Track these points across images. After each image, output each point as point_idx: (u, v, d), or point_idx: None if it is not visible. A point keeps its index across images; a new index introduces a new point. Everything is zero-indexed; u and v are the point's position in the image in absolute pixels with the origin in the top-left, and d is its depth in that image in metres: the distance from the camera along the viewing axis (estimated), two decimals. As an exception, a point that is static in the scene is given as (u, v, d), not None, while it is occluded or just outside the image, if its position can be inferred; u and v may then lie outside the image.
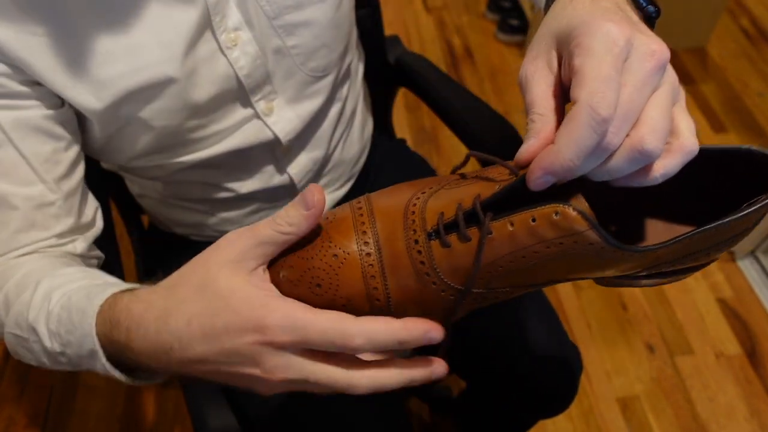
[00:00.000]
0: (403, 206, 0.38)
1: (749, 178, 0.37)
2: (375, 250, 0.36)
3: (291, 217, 0.36)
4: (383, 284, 0.36)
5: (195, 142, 0.61)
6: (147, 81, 0.53)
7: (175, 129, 0.58)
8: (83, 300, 0.44)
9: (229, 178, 0.68)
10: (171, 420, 1.26)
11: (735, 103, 1.83)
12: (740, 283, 1.44)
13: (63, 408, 1.26)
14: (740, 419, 1.24)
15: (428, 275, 0.36)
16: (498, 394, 0.84)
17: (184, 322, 0.37)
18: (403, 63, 0.93)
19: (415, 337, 0.35)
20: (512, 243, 0.34)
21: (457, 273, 0.36)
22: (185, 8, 0.52)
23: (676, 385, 1.29)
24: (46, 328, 0.46)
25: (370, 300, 0.37)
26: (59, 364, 0.48)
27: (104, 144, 0.59)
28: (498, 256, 0.35)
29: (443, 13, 2.17)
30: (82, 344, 0.43)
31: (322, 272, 0.37)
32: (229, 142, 0.63)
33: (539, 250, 0.34)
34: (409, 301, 0.37)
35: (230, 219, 0.75)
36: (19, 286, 0.49)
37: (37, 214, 0.53)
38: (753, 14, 2.11)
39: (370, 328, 0.35)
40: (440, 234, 0.35)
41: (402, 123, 1.80)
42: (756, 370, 1.31)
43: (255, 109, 0.62)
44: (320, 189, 0.37)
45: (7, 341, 0.50)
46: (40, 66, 0.49)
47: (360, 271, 0.36)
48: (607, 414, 1.25)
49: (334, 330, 0.34)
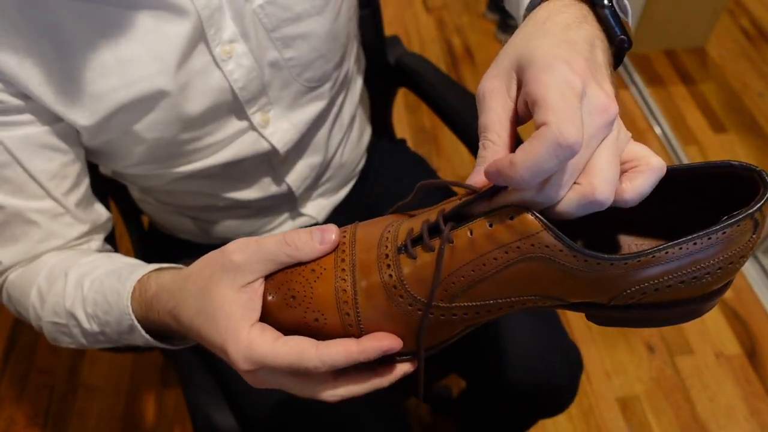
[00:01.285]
0: (381, 230, 0.40)
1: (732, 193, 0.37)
2: (349, 267, 0.38)
3: (302, 242, 0.39)
4: (353, 300, 0.38)
5: (189, 154, 0.61)
6: (139, 94, 0.53)
7: (169, 141, 0.58)
8: (115, 282, 0.49)
9: (226, 187, 0.68)
10: (171, 420, 1.26)
11: (735, 103, 1.83)
12: (740, 283, 1.44)
13: (63, 408, 1.27)
14: (740, 419, 1.24)
15: (395, 288, 0.37)
16: (498, 394, 0.84)
17: (188, 319, 0.41)
18: (403, 63, 0.93)
19: (372, 355, 0.37)
20: (472, 250, 0.35)
21: (424, 285, 0.37)
22: (178, 21, 0.52)
23: (676, 385, 1.29)
24: (84, 312, 0.51)
25: (341, 315, 0.38)
26: (98, 342, 0.53)
27: (96, 152, 0.59)
28: (459, 265, 0.36)
29: (443, 13, 2.17)
30: (120, 322, 0.48)
31: (298, 285, 0.39)
32: (224, 153, 0.63)
33: (498, 256, 0.35)
34: (380, 318, 0.38)
35: (230, 226, 0.75)
36: (50, 278, 0.53)
37: (54, 224, 0.56)
38: (753, 14, 2.11)
39: (328, 354, 0.37)
40: (407, 247, 0.37)
41: (402, 123, 1.80)
42: (756, 370, 1.31)
43: (251, 121, 0.62)
44: (339, 232, 0.39)
45: (45, 330, 0.55)
46: (30, 80, 0.49)
47: (332, 286, 0.38)
48: (607, 414, 1.25)
49: (292, 361, 0.37)
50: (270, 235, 0.39)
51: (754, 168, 0.35)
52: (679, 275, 0.35)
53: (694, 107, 1.82)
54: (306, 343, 0.37)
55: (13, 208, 0.53)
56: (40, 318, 0.54)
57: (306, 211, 0.77)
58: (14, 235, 0.55)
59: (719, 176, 0.37)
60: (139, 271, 0.49)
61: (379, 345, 0.37)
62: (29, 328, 0.61)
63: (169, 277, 0.45)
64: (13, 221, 0.54)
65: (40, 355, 1.33)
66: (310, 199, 0.77)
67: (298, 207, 0.76)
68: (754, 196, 0.34)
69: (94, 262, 0.53)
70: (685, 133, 1.75)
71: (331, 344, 0.37)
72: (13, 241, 0.55)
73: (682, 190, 0.39)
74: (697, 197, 0.39)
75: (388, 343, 0.37)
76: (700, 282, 0.36)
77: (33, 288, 0.54)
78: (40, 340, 1.35)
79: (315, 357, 0.37)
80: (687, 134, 1.75)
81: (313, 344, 0.37)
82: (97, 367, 1.32)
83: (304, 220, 0.78)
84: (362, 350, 0.37)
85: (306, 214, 0.77)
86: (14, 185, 0.53)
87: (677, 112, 1.81)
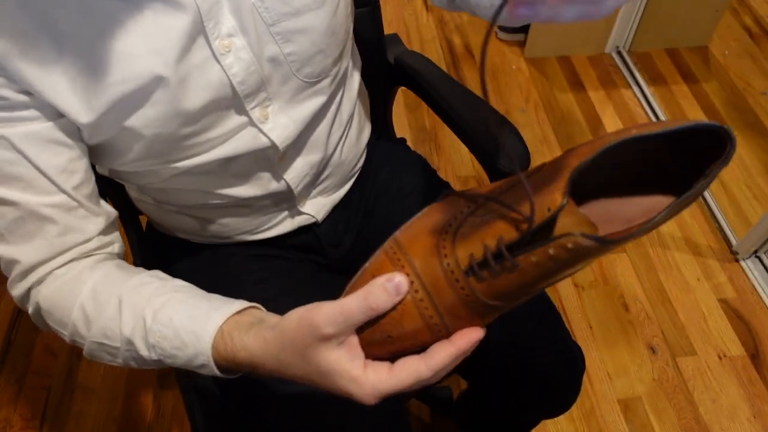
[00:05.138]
0: (434, 248, 0.44)
1: (701, 153, 0.42)
2: (423, 293, 0.44)
3: (383, 301, 0.43)
4: (440, 319, 0.44)
5: (188, 149, 0.61)
6: (139, 86, 0.53)
7: (168, 137, 0.58)
8: (188, 322, 0.51)
9: (225, 184, 0.68)
10: (168, 421, 1.25)
11: (738, 101, 1.82)
12: (743, 283, 1.43)
13: (60, 409, 1.26)
14: (743, 420, 1.23)
15: (474, 303, 0.44)
16: (500, 394, 0.84)
17: (297, 377, 0.47)
18: (402, 62, 0.92)
19: (468, 350, 0.44)
20: (538, 270, 0.42)
21: (496, 295, 0.44)
22: (177, 14, 0.52)
23: (678, 386, 1.28)
24: (144, 342, 0.52)
25: (432, 333, 0.44)
26: (145, 365, 0.55)
27: (95, 150, 0.59)
28: (530, 280, 0.42)
29: (443, 12, 2.16)
30: (192, 359, 0.51)
31: (388, 326, 0.44)
32: (223, 149, 0.62)
33: (561, 266, 0.41)
34: (463, 323, 0.45)
35: (229, 224, 0.74)
36: (97, 300, 0.55)
37: (69, 218, 0.56)
38: (756, 12, 2.10)
39: (436, 364, 0.43)
40: (476, 272, 0.43)
41: (402, 122, 1.80)
42: (759, 371, 1.30)
43: (250, 116, 0.62)
44: (405, 276, 0.43)
45: (86, 348, 0.56)
46: (32, 76, 0.49)
47: (418, 313, 0.44)
48: (609, 415, 1.24)
49: (412, 381, 0.43)
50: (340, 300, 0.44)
51: (719, 126, 0.41)
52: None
53: (696, 106, 1.81)
54: (414, 363, 0.43)
55: (26, 204, 0.53)
56: (84, 337, 0.55)
57: (305, 210, 0.76)
58: (30, 232, 0.55)
59: (688, 137, 0.43)
60: (216, 314, 0.51)
61: (470, 339, 0.44)
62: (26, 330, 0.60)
63: (256, 343, 0.48)
64: (27, 217, 0.54)
65: (37, 357, 1.33)
66: (309, 197, 0.76)
67: (297, 205, 0.75)
68: (716, 149, 0.41)
69: (146, 287, 0.55)
70: (687, 132, 1.74)
71: (435, 354, 0.43)
72: (29, 237, 0.55)
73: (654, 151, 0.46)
74: (668, 157, 0.46)
75: (476, 335, 0.44)
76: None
77: (75, 306, 0.55)
78: (36, 341, 1.34)
79: (428, 371, 0.43)
80: (689, 133, 1.74)
81: (421, 361, 0.43)
82: (94, 368, 1.31)
83: (303, 218, 0.77)
84: (460, 348, 0.44)
85: (305, 213, 0.77)
86: (24, 181, 0.53)
87: (679, 111, 1.80)
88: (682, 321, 1.37)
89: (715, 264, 1.47)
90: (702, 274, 1.45)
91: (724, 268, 1.46)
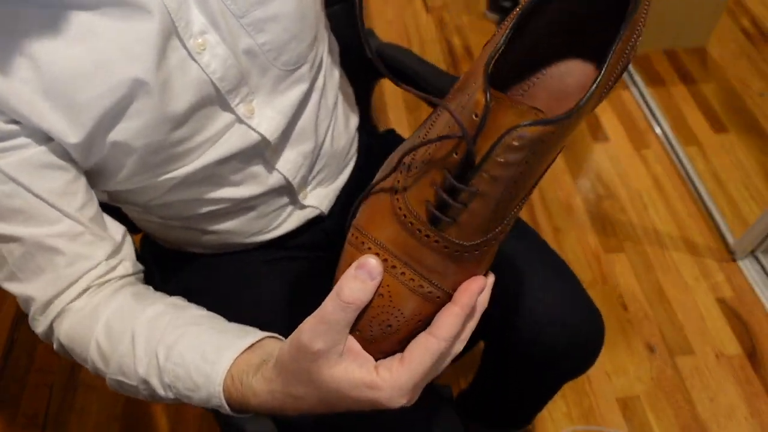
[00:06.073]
0: (390, 214, 0.41)
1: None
2: (400, 264, 0.40)
3: (358, 290, 0.40)
4: (431, 285, 0.41)
5: (181, 157, 0.60)
6: (123, 95, 0.52)
7: (159, 146, 0.57)
8: (200, 362, 0.50)
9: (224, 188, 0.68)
10: (171, 419, 1.25)
11: (735, 103, 1.83)
12: (740, 283, 1.44)
13: (63, 407, 1.26)
14: (741, 419, 1.24)
15: (457, 252, 0.40)
16: (522, 356, 0.83)
17: (314, 407, 0.44)
18: (381, 54, 0.93)
19: (473, 302, 0.41)
20: (499, 182, 0.38)
21: (472, 232, 0.40)
22: (146, 17, 0.51)
23: (677, 385, 1.29)
24: (159, 381, 0.52)
25: (432, 302, 0.41)
26: (164, 401, 0.54)
27: (87, 172, 0.58)
28: (497, 198, 0.38)
29: (443, 13, 2.16)
30: (207, 401, 0.50)
31: (383, 315, 0.41)
32: (215, 151, 0.62)
33: (522, 170, 0.38)
34: (458, 277, 0.41)
35: (236, 229, 0.74)
36: (110, 336, 0.54)
37: (76, 246, 0.55)
38: (753, 14, 2.11)
39: (445, 332, 0.40)
40: (439, 218, 0.39)
41: (402, 123, 1.80)
42: (756, 370, 1.31)
43: (236, 113, 0.62)
44: (372, 255, 0.41)
45: (109, 384, 0.56)
46: (14, 102, 0.49)
47: (406, 288, 0.40)
48: (608, 414, 1.25)
49: (428, 361, 0.40)
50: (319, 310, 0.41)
51: None
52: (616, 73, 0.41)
53: (694, 107, 1.82)
54: (423, 340, 0.41)
55: (31, 237, 0.53)
56: (104, 373, 0.55)
57: (308, 203, 0.77)
58: (39, 266, 0.54)
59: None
60: (226, 354, 0.50)
61: (471, 292, 0.41)
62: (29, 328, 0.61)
63: (265, 386, 0.46)
64: (34, 252, 0.53)
65: (40, 355, 1.33)
66: (309, 189, 0.77)
67: (299, 199, 0.76)
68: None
69: (159, 320, 0.54)
70: (685, 133, 1.75)
71: (441, 322, 0.40)
72: (39, 272, 0.54)
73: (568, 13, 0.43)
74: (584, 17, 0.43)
75: (476, 286, 0.41)
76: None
77: (91, 342, 0.54)
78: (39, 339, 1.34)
79: (439, 341, 0.40)
80: (687, 134, 1.75)
81: (428, 334, 0.40)
82: (96, 366, 1.32)
83: (308, 212, 0.78)
84: (463, 305, 0.41)
85: (309, 205, 0.77)
86: (25, 213, 0.52)
87: (677, 112, 1.81)
88: (680, 320, 1.38)
89: (712, 264, 1.48)
90: (700, 274, 1.46)
91: (721, 268, 1.47)
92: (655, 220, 1.56)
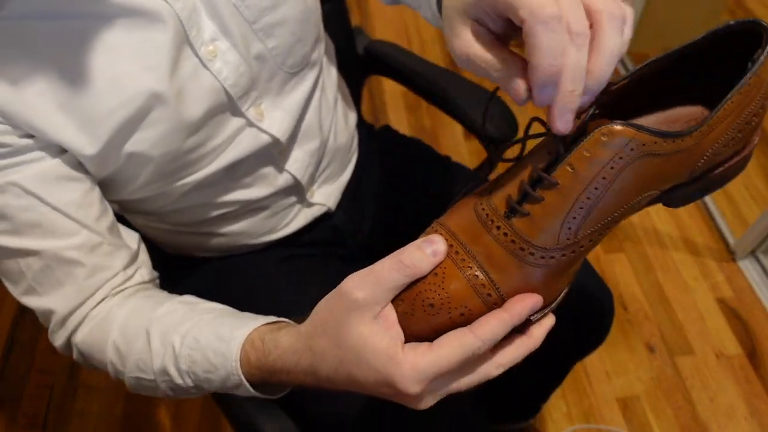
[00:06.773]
0: (471, 213, 0.42)
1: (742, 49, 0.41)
2: (468, 255, 0.40)
3: (418, 260, 0.39)
4: (488, 279, 0.40)
5: (195, 163, 0.61)
6: (140, 107, 0.52)
7: (175, 154, 0.58)
8: (215, 342, 0.50)
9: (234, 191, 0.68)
10: (171, 420, 1.26)
11: (735, 103, 1.83)
12: (740, 283, 1.44)
13: (63, 408, 1.27)
14: (740, 419, 1.24)
15: (522, 249, 0.39)
16: None
17: (331, 372, 0.42)
18: (371, 50, 0.94)
19: (523, 315, 0.39)
20: (580, 181, 0.38)
21: (545, 233, 0.39)
22: (159, 27, 0.52)
23: (676, 385, 1.29)
24: (176, 369, 0.52)
25: (482, 298, 0.40)
26: (188, 394, 0.54)
27: (102, 182, 0.58)
28: (575, 199, 0.38)
29: (443, 13, 2.16)
30: (226, 381, 0.50)
31: (430, 293, 0.40)
32: (228, 155, 0.63)
33: (606, 175, 0.38)
34: (518, 283, 0.40)
35: (246, 230, 0.74)
36: (126, 335, 0.54)
37: (95, 258, 0.55)
38: (753, 14, 2.11)
39: (486, 331, 0.38)
40: (515, 209, 0.39)
41: (402, 123, 1.80)
42: (756, 370, 1.31)
43: (247, 117, 0.62)
44: (441, 237, 0.41)
45: (127, 383, 0.56)
46: (31, 117, 0.49)
47: (463, 278, 0.39)
48: (608, 414, 1.25)
49: (458, 354, 0.38)
50: (382, 262, 0.40)
51: (751, 20, 0.40)
52: (736, 126, 0.40)
53: (694, 107, 1.82)
54: (459, 333, 0.39)
55: (50, 251, 0.53)
56: (123, 373, 0.55)
57: (316, 200, 0.77)
58: (59, 279, 0.54)
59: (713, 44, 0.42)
60: (240, 330, 0.49)
61: (525, 304, 0.39)
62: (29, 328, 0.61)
63: (288, 338, 0.46)
64: (53, 265, 0.53)
65: (40, 355, 1.33)
66: (316, 187, 0.78)
67: (307, 197, 0.76)
68: (755, 47, 0.40)
69: (173, 314, 0.54)
70: (685, 133, 1.75)
71: (484, 322, 0.39)
72: (59, 285, 0.54)
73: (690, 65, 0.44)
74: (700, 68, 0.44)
75: (531, 301, 0.39)
76: (749, 126, 0.41)
77: (108, 345, 0.55)
78: (39, 339, 1.35)
79: (476, 339, 0.38)
80: (687, 134, 1.75)
81: (467, 330, 0.39)
82: (97, 367, 1.32)
83: (316, 209, 0.78)
84: (513, 314, 0.39)
85: (317, 203, 0.78)
86: (43, 227, 0.52)
87: (677, 112, 1.81)
88: (680, 320, 1.38)
89: (712, 264, 1.48)
90: (700, 274, 1.46)
91: (721, 268, 1.47)
92: (654, 220, 1.56)
